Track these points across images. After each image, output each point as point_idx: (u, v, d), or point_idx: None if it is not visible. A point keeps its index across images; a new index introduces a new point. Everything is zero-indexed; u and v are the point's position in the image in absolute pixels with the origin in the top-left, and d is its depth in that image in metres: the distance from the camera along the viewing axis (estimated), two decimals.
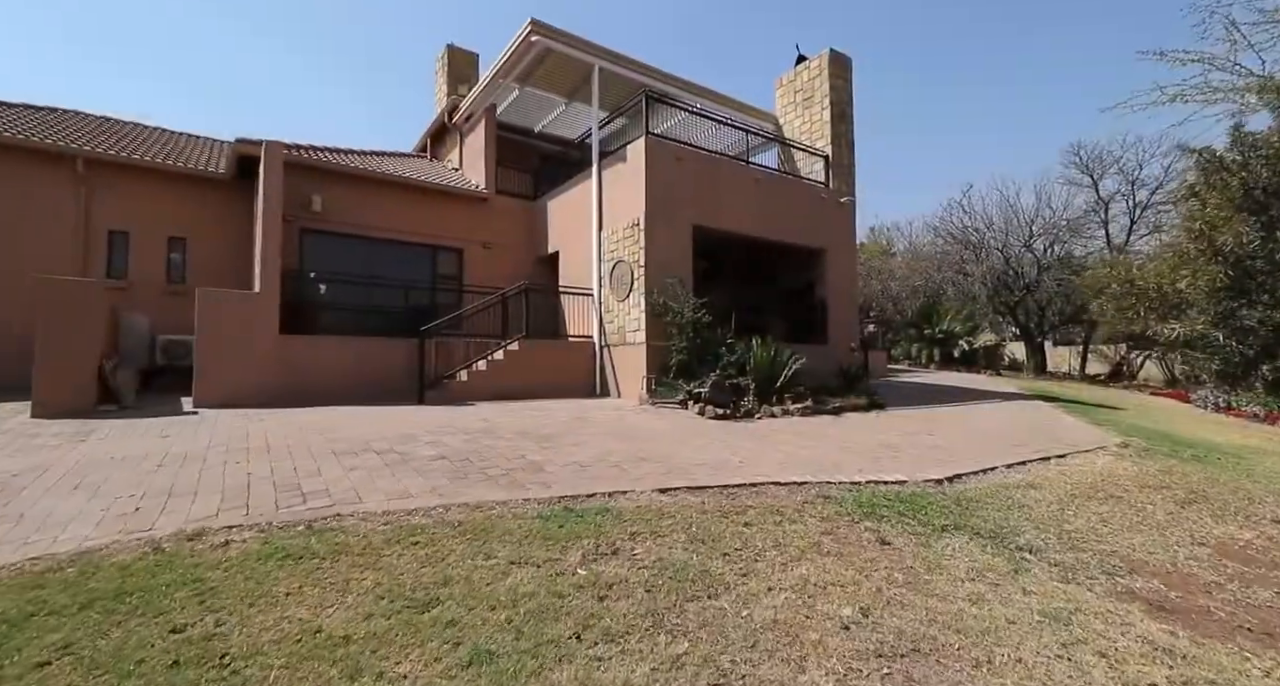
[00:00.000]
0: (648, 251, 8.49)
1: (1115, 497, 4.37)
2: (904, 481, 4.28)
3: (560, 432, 5.49)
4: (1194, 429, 9.16)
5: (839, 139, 11.41)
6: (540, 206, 11.49)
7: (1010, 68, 47.55)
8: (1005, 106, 49.23)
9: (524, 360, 8.71)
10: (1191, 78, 7.25)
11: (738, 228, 9.69)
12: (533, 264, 11.57)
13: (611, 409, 7.30)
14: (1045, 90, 45.44)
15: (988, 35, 46.37)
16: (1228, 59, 6.64)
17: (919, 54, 53.45)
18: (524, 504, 3.33)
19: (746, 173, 9.93)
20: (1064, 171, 20.95)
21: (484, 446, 4.72)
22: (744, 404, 7.36)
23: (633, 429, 5.88)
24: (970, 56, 49.82)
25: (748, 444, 5.37)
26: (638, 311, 8.58)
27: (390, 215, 10.27)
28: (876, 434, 6.35)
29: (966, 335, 19.37)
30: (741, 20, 61.97)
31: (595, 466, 4.21)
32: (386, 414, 6.49)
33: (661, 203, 8.67)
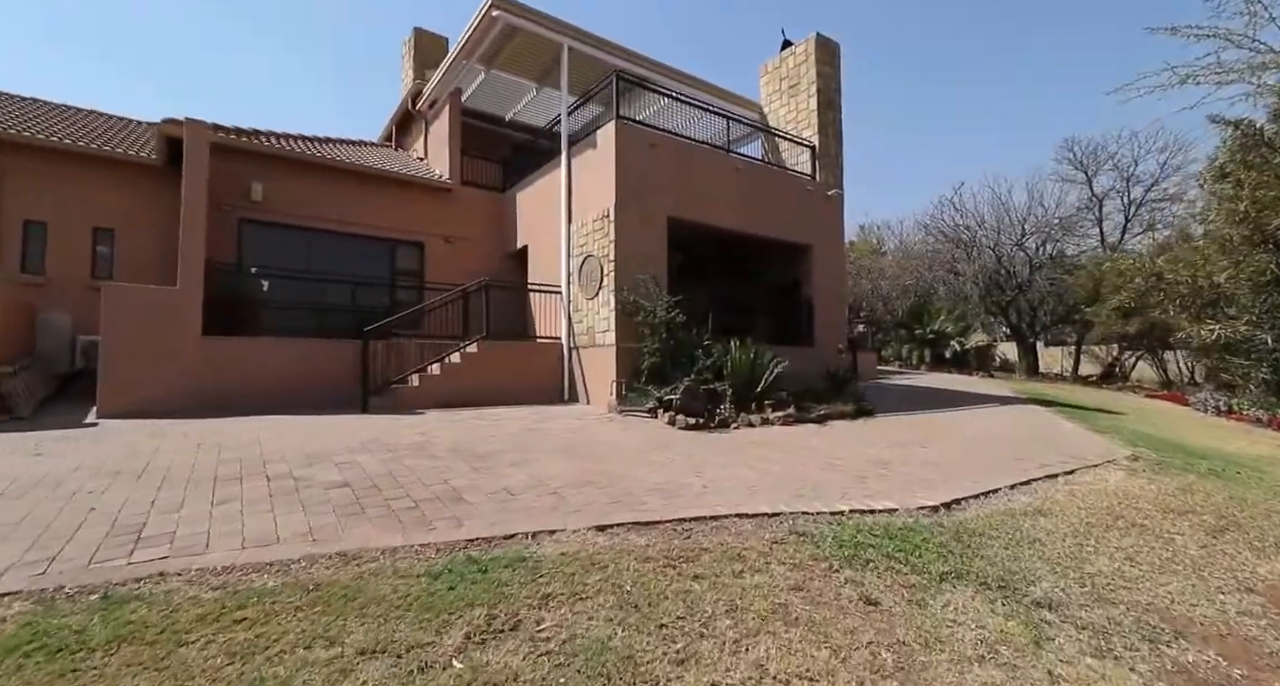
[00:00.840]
0: (618, 245, 7.81)
1: (1138, 526, 3.76)
2: (894, 510, 3.64)
3: (502, 449, 4.80)
4: (1199, 435, 8.65)
5: (826, 128, 10.80)
6: (509, 198, 10.78)
7: (1010, 67, 47.34)
8: (1005, 106, 48.98)
9: (484, 363, 8.00)
10: (1204, 57, 6.67)
11: (717, 221, 9.04)
12: (501, 259, 10.85)
13: (573, 418, 6.62)
14: (1045, 90, 45.28)
15: (988, 35, 46.18)
16: (1245, 34, 6.08)
17: (919, 53, 53.22)
18: (418, 551, 2.64)
19: (727, 161, 9.29)
20: (1057, 168, 20.56)
21: (404, 468, 4.01)
22: (720, 412, 6.71)
23: (589, 443, 5.20)
24: (970, 56, 49.60)
25: (718, 460, 4.71)
26: (607, 310, 7.90)
27: (343, 206, 9.51)
28: (864, 446, 5.72)
29: (958, 336, 18.90)
30: (741, 20, 61.39)
31: (528, 494, 3.53)
32: (316, 425, 5.76)
33: (633, 192, 7.99)
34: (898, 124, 55.88)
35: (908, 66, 55.29)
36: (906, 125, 55.84)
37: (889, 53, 53.83)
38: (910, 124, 56.10)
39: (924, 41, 52.87)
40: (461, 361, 7.82)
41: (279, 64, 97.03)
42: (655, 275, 8.04)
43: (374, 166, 9.66)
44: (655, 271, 8.08)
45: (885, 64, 54.09)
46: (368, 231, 9.72)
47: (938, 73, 53.99)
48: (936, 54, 52.61)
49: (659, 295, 7.70)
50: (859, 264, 23.47)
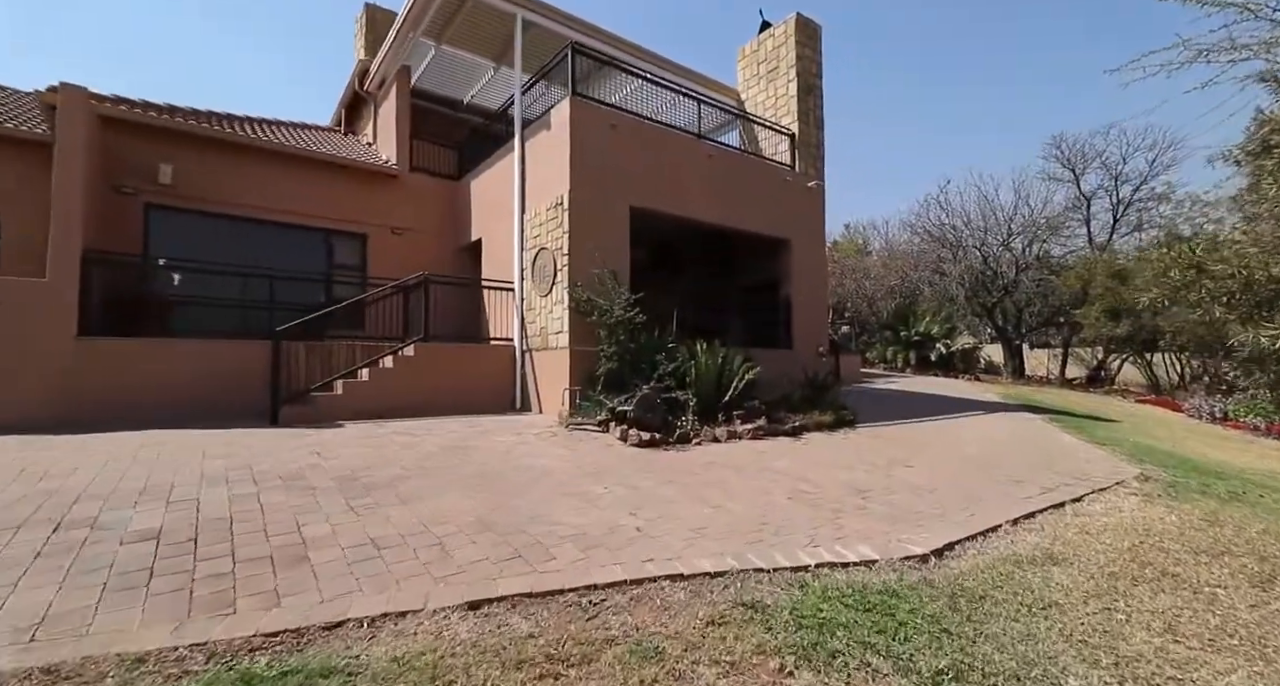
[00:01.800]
0: (572, 236, 6.99)
1: (1170, 576, 3.03)
2: (874, 561, 2.87)
3: (403, 476, 3.95)
4: (1202, 447, 8.07)
5: (806, 115, 10.09)
6: (464, 187, 9.90)
7: (1001, 66, 47.04)
8: (998, 105, 48.63)
9: (423, 367, 7.12)
10: (1214, 31, 6.02)
11: (687, 212, 8.26)
12: (457, 253, 9.97)
13: (513, 432, 5.78)
14: (1037, 90, 45.09)
15: (987, 35, 45.92)
16: (1265, 4, 5.44)
17: (910, 50, 52.84)
18: (181, 657, 1.80)
19: (698, 147, 8.51)
20: (1045, 166, 20.14)
21: (255, 509, 3.15)
22: (681, 425, 5.92)
23: (514, 467, 4.37)
24: (961, 54, 49.30)
25: (665, 490, 3.92)
26: (561, 309, 7.08)
27: (273, 192, 8.56)
28: (841, 467, 4.97)
29: (944, 338, 18.35)
30: (733, 19, 60.67)
31: (400, 548, 2.70)
32: (196, 443, 4.86)
33: (591, 178, 7.18)
34: (884, 121, 55.64)
35: (896, 64, 55.01)
36: (893, 123, 55.60)
37: (876, 48, 53.43)
38: (898, 121, 55.78)
39: (908, 38, 52.62)
40: (395, 366, 6.93)
41: (229, 46, 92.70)
42: (615, 270, 7.23)
43: (307, 148, 8.72)
44: (616, 266, 7.27)
45: (878, 61, 53.79)
46: (302, 221, 8.77)
47: (931, 72, 53.80)
48: (923, 51, 52.36)
49: (617, 292, 6.90)
50: (843, 263, 22.90)
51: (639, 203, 7.68)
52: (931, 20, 45.69)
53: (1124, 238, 18.90)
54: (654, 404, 5.63)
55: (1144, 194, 18.10)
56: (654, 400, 5.67)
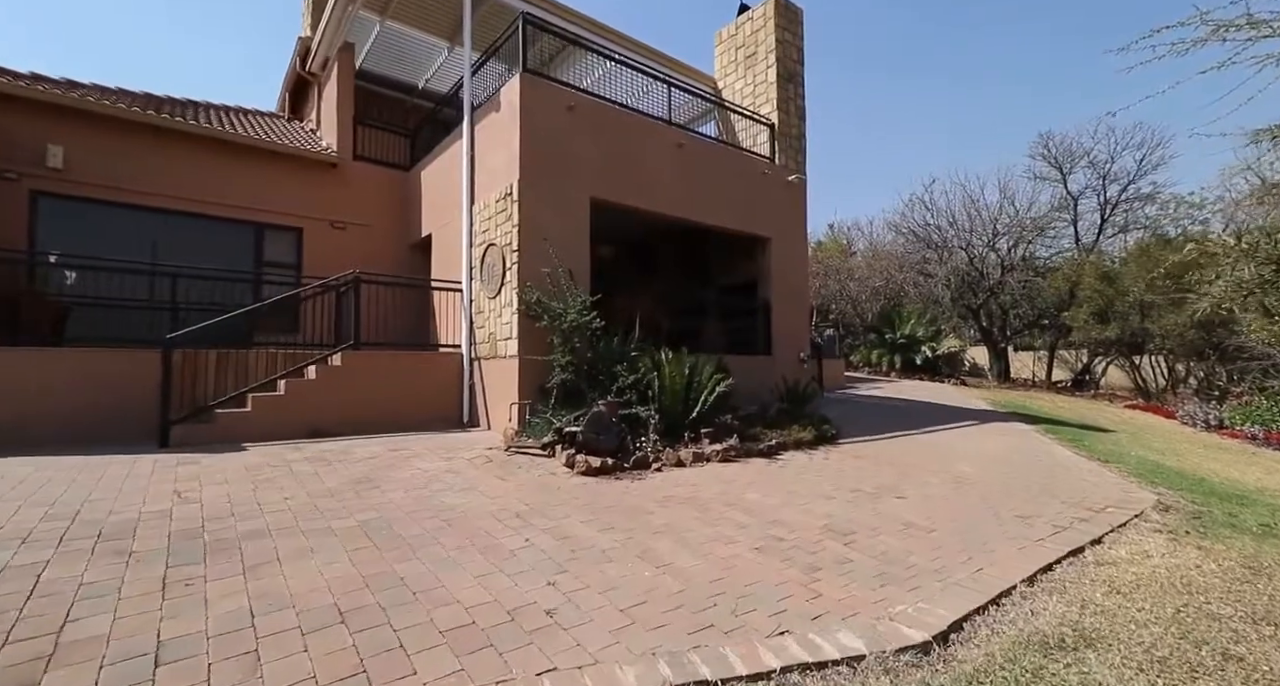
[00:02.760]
0: (523, 230, 6.21)
1: (1233, 659, 2.35)
2: (859, 657, 2.15)
3: (271, 528, 3.13)
4: (1206, 460, 7.54)
5: (787, 104, 9.42)
6: (415, 178, 9.05)
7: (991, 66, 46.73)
8: (987, 105, 48.20)
9: (355, 379, 6.28)
10: (1229, 4, 5.42)
11: (655, 206, 7.52)
12: (408, 250, 9.12)
13: (442, 457, 4.97)
14: (1026, 89, 44.88)
15: (991, 35, 45.66)
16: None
17: (896, 47, 52.48)
18: None
19: (667, 134, 7.77)
20: (1031, 165, 19.77)
21: (17, 591, 2.32)
22: (641, 445, 5.17)
23: (424, 510, 3.57)
24: (950, 52, 49.00)
25: (603, 541, 3.15)
26: (510, 313, 6.29)
27: (192, 181, 7.63)
28: (821, 497, 4.26)
29: (929, 341, 17.89)
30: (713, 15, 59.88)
31: (187, 662, 1.89)
32: (34, 476, 3.98)
33: (545, 165, 6.40)
34: (870, 120, 55.38)
35: (885, 62, 54.65)
36: (880, 122, 55.30)
37: (864, 45, 53.04)
38: (885, 120, 55.40)
39: (897, 37, 52.45)
40: (319, 377, 6.08)
41: None
42: (570, 269, 6.46)
43: (230, 132, 7.79)
44: (574, 264, 6.50)
45: (864, 59, 53.45)
46: (227, 213, 7.85)
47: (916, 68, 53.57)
48: (909, 49, 52.11)
49: (572, 294, 6.13)
50: (827, 264, 22.37)
51: (601, 194, 6.92)
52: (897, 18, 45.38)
53: (1110, 239, 18.61)
54: (607, 423, 4.86)
55: (1131, 194, 17.81)
56: (607, 419, 4.91)
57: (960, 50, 45.66)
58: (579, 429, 4.72)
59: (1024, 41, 42.06)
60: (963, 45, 45.43)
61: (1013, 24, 41.31)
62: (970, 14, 42.22)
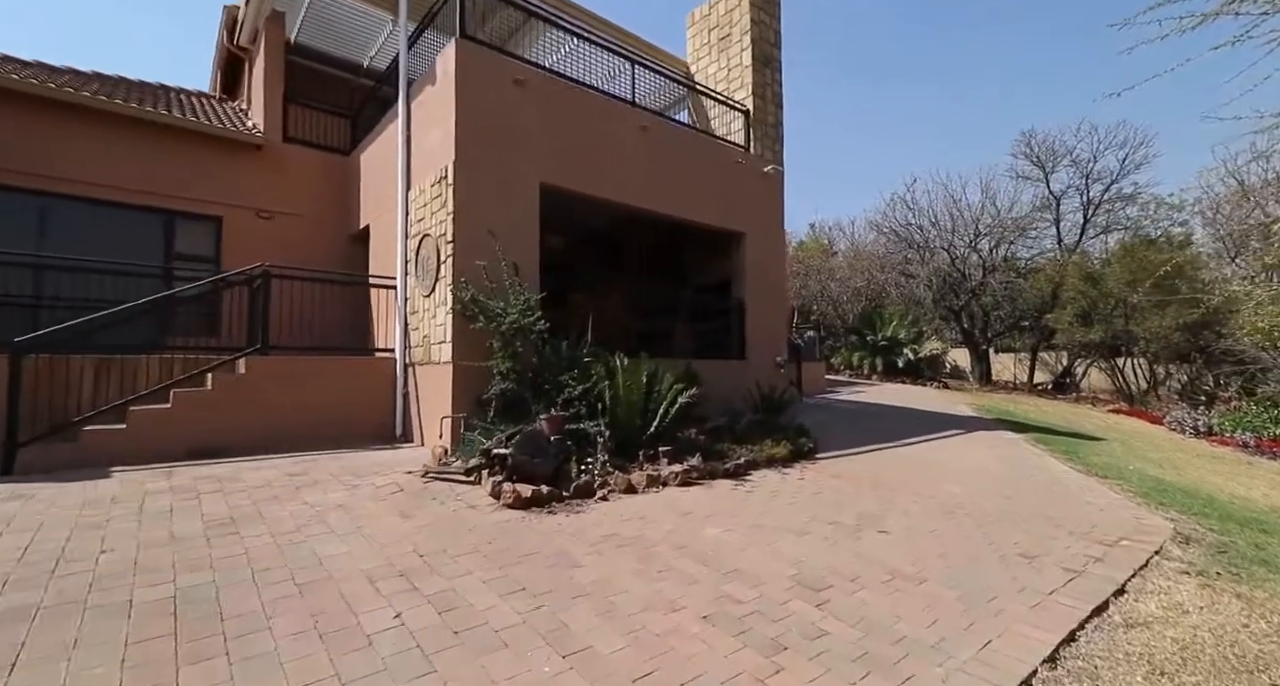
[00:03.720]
0: (458, 218, 5.43)
1: None
2: None
3: (56, 600, 2.33)
4: (1205, 473, 7.06)
5: (763, 89, 8.76)
6: (355, 163, 8.18)
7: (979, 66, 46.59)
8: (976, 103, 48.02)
9: (263, 388, 5.43)
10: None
11: (617, 195, 6.79)
12: (347, 243, 8.25)
13: (344, 486, 4.17)
14: (1013, 89, 44.85)
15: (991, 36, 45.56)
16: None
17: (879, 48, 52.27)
18: None
19: (630, 116, 7.05)
20: (1014, 163, 19.50)
21: None
22: (587, 467, 4.43)
23: (279, 568, 2.78)
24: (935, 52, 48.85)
25: (502, 613, 2.40)
26: (444, 312, 5.50)
27: (83, 161, 6.68)
28: (793, 533, 3.57)
29: (911, 343, 17.46)
30: None
31: None
32: None
33: (486, 144, 5.63)
34: (855, 121, 55.23)
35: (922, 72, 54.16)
36: (866, 122, 55.11)
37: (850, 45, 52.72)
38: (876, 123, 55.17)
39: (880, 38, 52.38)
40: (217, 387, 5.21)
41: None
42: (520, 263, 5.70)
43: (122, 104, 6.82)
44: (522, 258, 5.74)
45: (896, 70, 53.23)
46: (126, 198, 6.90)
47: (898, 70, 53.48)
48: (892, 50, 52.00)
49: (517, 291, 5.36)
50: (808, 263, 21.89)
51: (554, 180, 6.17)
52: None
53: (1091, 240, 18.41)
54: (542, 444, 4.11)
55: (1113, 194, 17.61)
56: (543, 439, 4.15)
57: (957, 51, 45.55)
58: (508, 451, 3.96)
59: (1023, 41, 42.07)
60: (960, 46, 45.32)
61: (1011, 24, 41.26)
62: (968, 14, 42.07)
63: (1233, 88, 5.41)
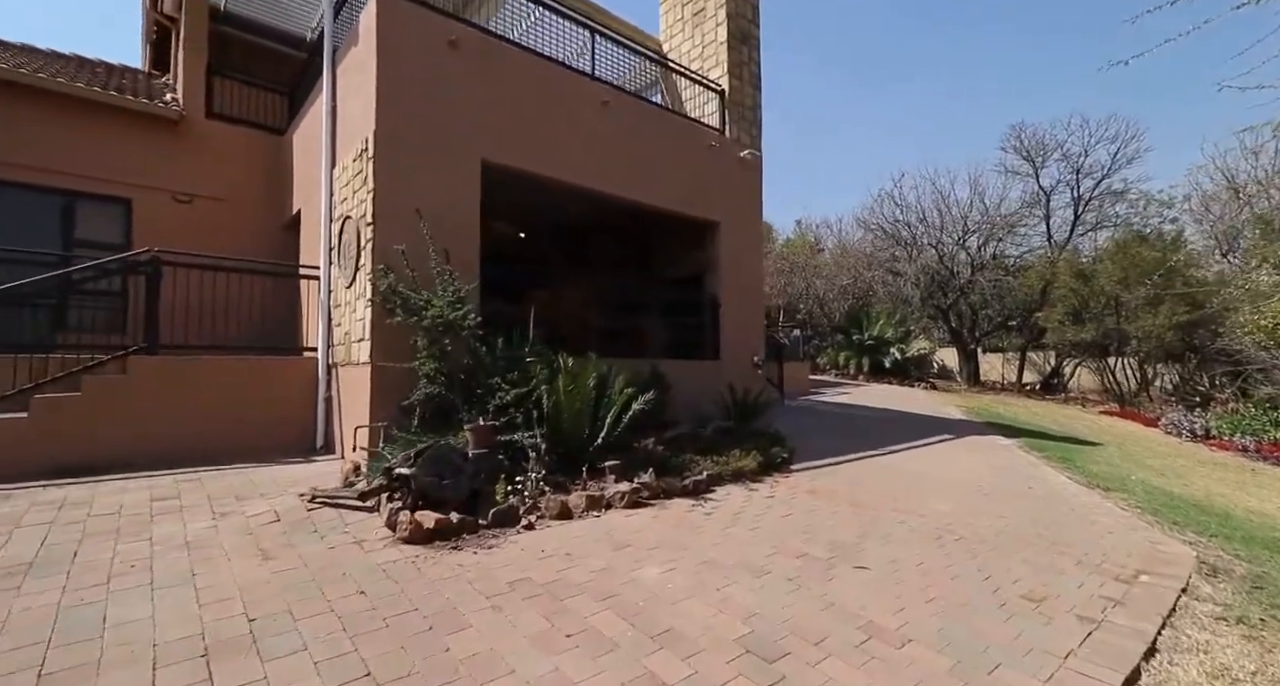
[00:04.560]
0: (379, 196, 4.72)
1: None
2: None
3: None
4: (1212, 482, 6.53)
5: (740, 69, 8.13)
6: (288, 143, 7.42)
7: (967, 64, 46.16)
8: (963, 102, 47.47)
9: (147, 395, 4.69)
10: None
11: (572, 176, 6.11)
12: (280, 231, 7.48)
13: (213, 513, 3.45)
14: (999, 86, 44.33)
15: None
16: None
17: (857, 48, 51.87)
18: None
19: (589, 89, 6.37)
20: (1003, 158, 19.08)
21: None
22: (518, 486, 3.75)
23: (51, 640, 2.07)
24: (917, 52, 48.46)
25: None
26: (364, 305, 4.79)
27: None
28: (748, 576, 2.90)
29: (898, 342, 16.97)
30: None
31: None
32: None
33: (414, 114, 4.93)
34: (839, 121, 54.92)
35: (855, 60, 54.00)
36: (850, 122, 54.80)
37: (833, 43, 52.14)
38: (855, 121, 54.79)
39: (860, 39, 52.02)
40: (89, 393, 4.46)
41: None
42: (459, 249, 5.01)
43: (10, 71, 6.01)
44: (458, 244, 5.04)
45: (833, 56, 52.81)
46: (19, 175, 6.10)
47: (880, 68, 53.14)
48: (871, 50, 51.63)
49: (447, 281, 4.67)
50: (793, 261, 21.35)
51: (498, 158, 5.48)
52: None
53: (1081, 237, 18.04)
54: (454, 462, 3.42)
55: (1104, 189, 17.25)
56: (455, 456, 3.46)
57: (956, 48, 45.09)
58: (410, 470, 3.26)
59: (1021, 40, 41.73)
60: (959, 43, 44.87)
61: (1006, 21, 40.89)
62: (966, 12, 41.63)
63: (1253, 56, 4.88)
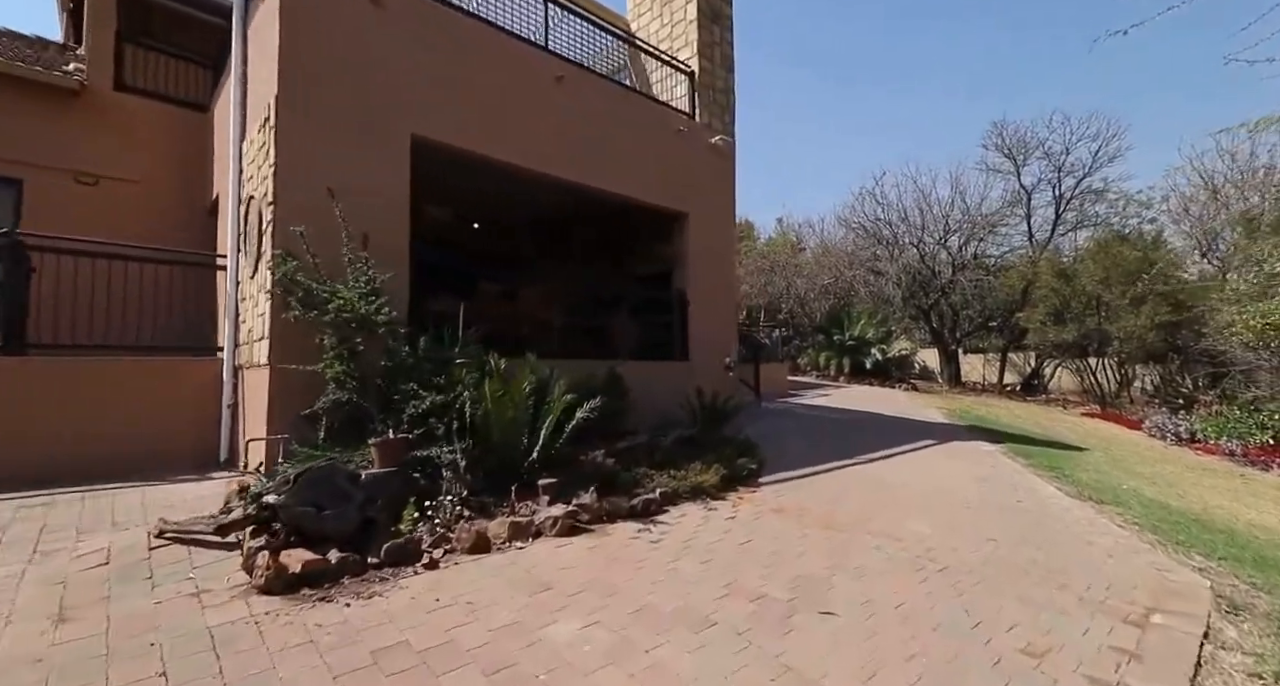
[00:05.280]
0: (283, 171, 4.08)
1: None
2: None
3: None
4: (1207, 491, 6.16)
5: (711, 49, 7.61)
6: (210, 119, 6.70)
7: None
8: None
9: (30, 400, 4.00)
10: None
11: (520, 158, 5.52)
12: (204, 217, 6.75)
13: (25, 558, 2.79)
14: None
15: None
16: None
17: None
18: None
19: (541, 62, 5.78)
20: (985, 155, 18.87)
21: None
22: (430, 513, 3.15)
23: None
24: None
25: None
26: (265, 297, 4.15)
27: None
28: (684, 630, 2.32)
29: (879, 343, 16.64)
30: None
31: None
32: None
33: (327, 78, 4.30)
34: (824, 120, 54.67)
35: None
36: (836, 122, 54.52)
37: None
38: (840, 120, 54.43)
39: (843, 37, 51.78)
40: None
41: None
42: (385, 235, 4.39)
43: None
44: (384, 229, 4.42)
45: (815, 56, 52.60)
46: None
47: None
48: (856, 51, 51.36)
49: (360, 270, 4.04)
50: (774, 259, 20.94)
51: (434, 134, 4.87)
52: None
53: (1062, 237, 17.91)
54: (340, 487, 2.80)
55: (1085, 187, 17.11)
56: (341, 479, 2.85)
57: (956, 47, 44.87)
58: (280, 499, 2.64)
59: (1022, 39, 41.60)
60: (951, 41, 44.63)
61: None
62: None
63: (1262, 27, 4.49)
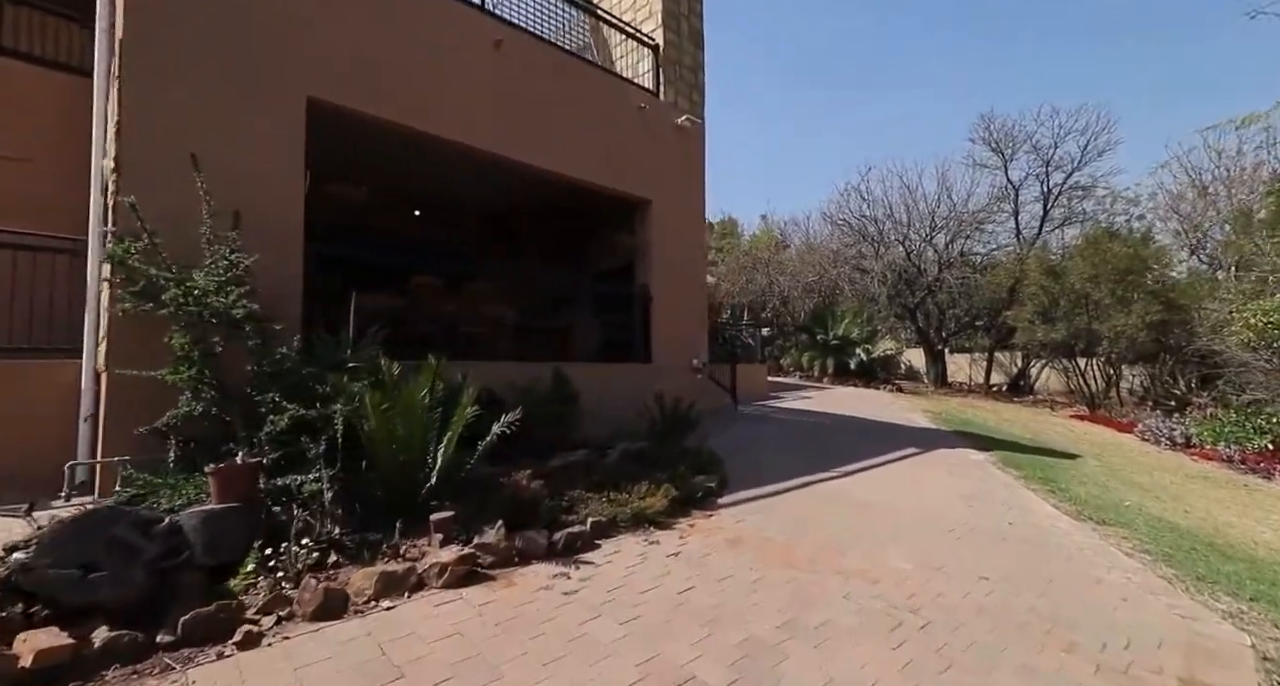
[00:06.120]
0: (127, 129, 3.36)
1: None
2: None
3: None
4: (1213, 504, 5.63)
5: (677, 21, 6.94)
6: None
7: None
8: None
9: None
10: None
11: (449, 131, 4.81)
12: None
13: None
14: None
15: None
16: None
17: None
18: None
19: (477, 24, 5.07)
20: (972, 149, 18.40)
21: None
22: (286, 558, 2.44)
23: None
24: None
25: None
26: (105, 286, 3.40)
27: None
28: None
29: (864, 342, 16.13)
30: None
31: None
32: None
33: (191, 21, 3.58)
34: (811, 122, 54.20)
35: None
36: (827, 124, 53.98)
37: None
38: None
39: None
40: None
41: None
42: (246, 211, 3.65)
43: None
44: (270, 208, 3.70)
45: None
46: None
47: None
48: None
49: (219, 252, 3.31)
50: (756, 256, 20.36)
51: (338, 98, 4.15)
52: None
53: (1050, 233, 17.52)
54: (122, 539, 2.05)
55: (1073, 183, 16.71)
56: (128, 530, 2.12)
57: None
58: (27, 557, 1.92)
59: None
60: None
61: None
62: None
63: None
